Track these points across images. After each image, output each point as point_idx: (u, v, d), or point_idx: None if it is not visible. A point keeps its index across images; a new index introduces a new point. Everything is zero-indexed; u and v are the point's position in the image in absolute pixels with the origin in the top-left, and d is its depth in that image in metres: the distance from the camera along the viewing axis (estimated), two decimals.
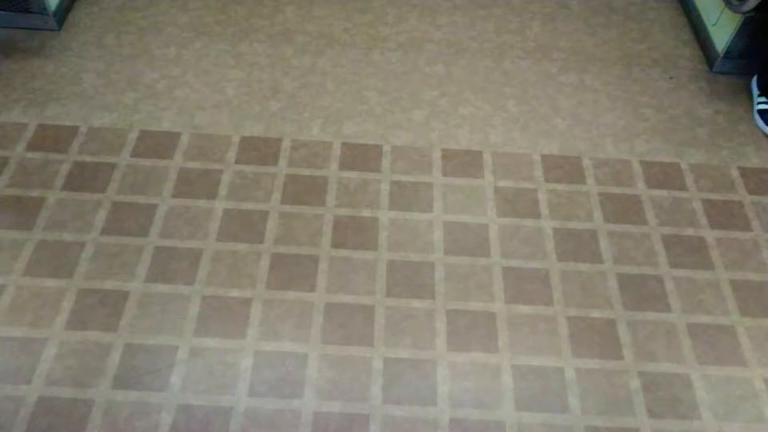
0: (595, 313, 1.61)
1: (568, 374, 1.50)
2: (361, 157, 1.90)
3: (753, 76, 2.15)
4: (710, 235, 1.78)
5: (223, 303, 1.58)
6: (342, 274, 1.64)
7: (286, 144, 1.91)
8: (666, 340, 1.57)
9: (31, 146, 1.86)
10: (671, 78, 2.20)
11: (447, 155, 1.92)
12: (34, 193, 1.75)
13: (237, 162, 1.86)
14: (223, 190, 1.79)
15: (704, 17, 2.30)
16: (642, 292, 1.66)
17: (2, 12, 2.14)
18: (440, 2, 2.43)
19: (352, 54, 2.21)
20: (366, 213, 1.77)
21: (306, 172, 1.85)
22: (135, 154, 1.86)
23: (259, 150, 1.89)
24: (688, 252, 1.74)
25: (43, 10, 2.12)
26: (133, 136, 1.90)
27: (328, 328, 1.55)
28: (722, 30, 2.18)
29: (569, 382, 1.49)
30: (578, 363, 1.52)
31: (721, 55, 2.18)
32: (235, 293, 1.59)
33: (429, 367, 1.50)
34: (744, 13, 1.99)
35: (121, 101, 2.00)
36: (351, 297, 1.60)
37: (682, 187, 1.89)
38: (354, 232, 1.72)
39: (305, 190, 1.81)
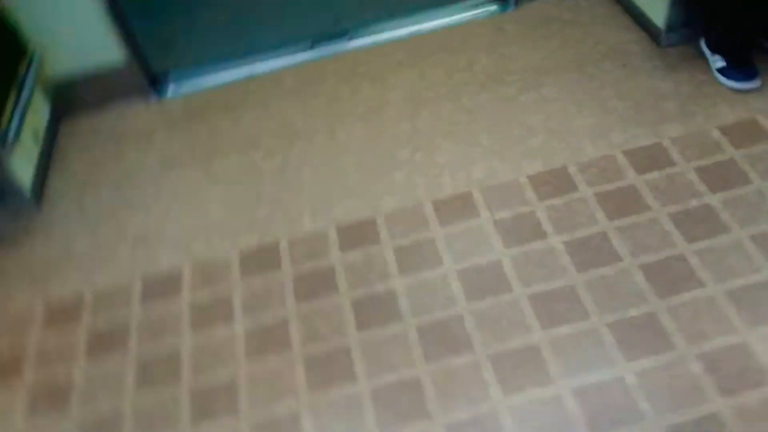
0: (633, 311, 1.59)
1: (629, 380, 1.47)
2: (357, 234, 1.91)
3: (699, 39, 2.19)
4: (714, 200, 1.78)
5: (273, 423, 1.55)
6: (377, 355, 1.62)
7: (283, 245, 1.92)
8: (711, 315, 1.55)
9: (45, 326, 1.86)
10: (624, 66, 2.25)
11: (438, 206, 1.93)
12: (60, 372, 1.75)
13: (243, 277, 1.87)
14: (237, 310, 1.79)
15: None
16: (670, 277, 1.64)
17: None
18: (385, 64, 2.49)
19: (318, 139, 2.25)
20: (380, 287, 1.76)
21: (310, 265, 1.85)
22: (144, 302, 1.86)
23: (260, 259, 1.90)
24: (699, 223, 1.74)
25: (19, 196, 2.16)
26: (137, 285, 1.91)
27: (381, 412, 1.52)
28: (656, 5, 2.23)
29: (633, 388, 1.46)
30: (634, 366, 1.50)
31: (664, 29, 2.22)
32: (280, 409, 1.57)
33: (491, 421, 1.46)
34: None
35: (115, 256, 2.01)
36: (393, 375, 1.58)
37: (672, 163, 1.90)
38: (375, 310, 1.72)
39: (316, 284, 1.81)
